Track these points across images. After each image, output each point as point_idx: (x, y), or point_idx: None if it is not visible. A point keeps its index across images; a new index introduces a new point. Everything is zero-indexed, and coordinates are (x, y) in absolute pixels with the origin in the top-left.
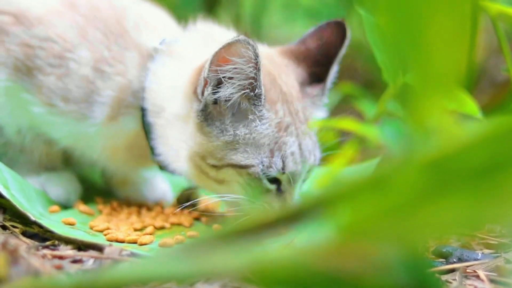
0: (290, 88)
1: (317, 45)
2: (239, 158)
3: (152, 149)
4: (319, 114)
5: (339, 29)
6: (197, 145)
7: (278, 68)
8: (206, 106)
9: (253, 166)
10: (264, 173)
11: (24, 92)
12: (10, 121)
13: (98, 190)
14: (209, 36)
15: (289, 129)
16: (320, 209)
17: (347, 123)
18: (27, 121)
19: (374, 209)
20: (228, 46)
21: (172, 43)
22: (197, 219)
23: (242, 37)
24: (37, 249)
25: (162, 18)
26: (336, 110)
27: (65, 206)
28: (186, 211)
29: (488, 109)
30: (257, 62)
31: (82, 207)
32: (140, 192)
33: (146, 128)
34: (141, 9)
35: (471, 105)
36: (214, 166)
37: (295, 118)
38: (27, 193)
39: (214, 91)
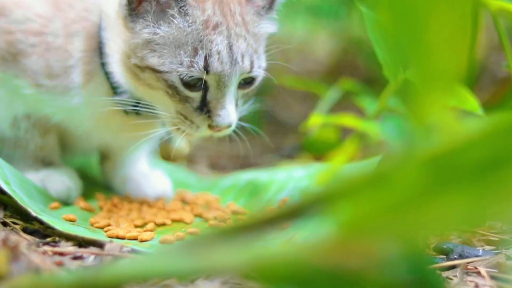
0: None
1: None
2: (155, 61)
3: (113, 90)
4: (266, 26)
5: None
6: (124, 43)
7: None
8: (129, 0)
9: (168, 72)
10: (183, 77)
11: (14, 79)
12: (5, 113)
13: (98, 187)
14: None
15: (219, 29)
16: (321, 206)
17: (348, 120)
18: (21, 106)
19: (375, 206)
20: None
21: None
22: (197, 216)
23: None
24: (38, 246)
25: None
26: (337, 107)
27: (65, 202)
28: (187, 208)
29: (489, 106)
30: None
31: (83, 203)
32: (140, 188)
33: (103, 62)
34: None
35: (472, 102)
36: (137, 66)
37: (229, 19)
38: (28, 190)
39: None
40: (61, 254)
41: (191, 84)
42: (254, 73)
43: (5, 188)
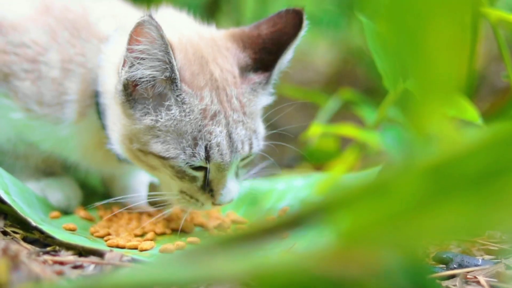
0: (226, 73)
1: (269, 31)
2: (159, 148)
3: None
4: (263, 101)
5: (296, 18)
6: (123, 127)
7: (217, 51)
8: (125, 86)
9: (172, 158)
10: (187, 163)
11: (3, 98)
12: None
13: (98, 196)
14: (161, 18)
15: (217, 118)
16: (321, 215)
17: (347, 130)
18: (11, 129)
19: (374, 215)
20: (136, 26)
21: (125, 25)
22: (197, 225)
23: (146, 18)
24: (38, 255)
25: (131, 12)
26: (337, 116)
27: (65, 212)
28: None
29: (488, 116)
30: (162, 43)
31: (83, 213)
32: (140, 197)
33: (100, 114)
34: (110, 5)
35: (471, 112)
36: (140, 151)
37: (226, 106)
38: (28, 199)
39: (130, 71)
40: (61, 263)
41: (195, 167)
42: (253, 153)
43: (5, 198)
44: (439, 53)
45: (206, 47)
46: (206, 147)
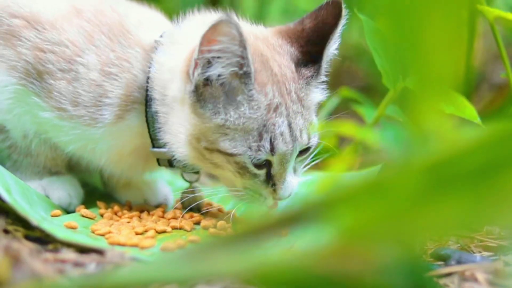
0: (284, 69)
1: (312, 24)
2: (226, 145)
3: (152, 141)
4: (316, 96)
5: (335, 8)
6: (192, 127)
7: (272, 49)
8: (197, 87)
9: (239, 154)
10: (252, 159)
11: (33, 96)
12: (17, 124)
13: (99, 194)
14: (205, 21)
15: (279, 110)
16: (321, 212)
17: (347, 127)
18: (34, 126)
19: (374, 212)
20: (213, 27)
21: (172, 33)
22: (197, 223)
23: (224, 17)
24: (39, 253)
25: (160, 18)
26: (336, 114)
27: (67, 210)
28: (187, 215)
29: (486, 113)
30: (241, 40)
31: (84, 211)
32: (141, 196)
33: (149, 120)
34: (140, 10)
35: (470, 110)
36: (207, 149)
37: (286, 98)
38: (29, 197)
39: (203, 71)
40: (63, 261)
41: (259, 164)
42: (311, 144)
43: (6, 196)
44: (437, 51)
45: (262, 45)
46: (270, 139)
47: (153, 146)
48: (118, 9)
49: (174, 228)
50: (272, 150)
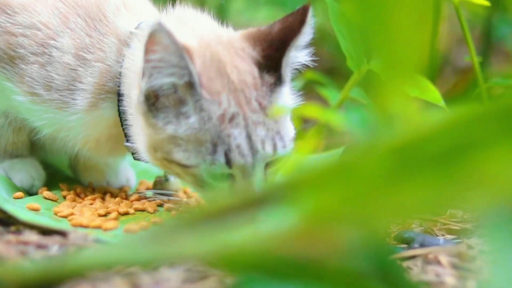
0: (245, 75)
1: (279, 28)
2: (180, 156)
3: (126, 136)
4: (286, 102)
5: (302, 15)
6: (147, 137)
7: (234, 53)
8: (147, 97)
9: (193, 166)
10: (208, 172)
11: (5, 81)
12: None
13: (62, 176)
14: (180, 21)
15: (235, 120)
16: (285, 195)
17: (311, 110)
18: (4, 107)
19: (338, 195)
20: (149, 36)
21: (145, 28)
22: (161, 205)
23: (158, 25)
24: (1, 235)
25: (143, 3)
26: (300, 97)
27: (29, 192)
28: (151, 198)
29: (450, 96)
30: (177, 49)
31: (46, 193)
32: (103, 178)
33: (121, 114)
34: None
35: (434, 93)
36: (165, 159)
37: (245, 108)
38: None
39: (149, 81)
40: (25, 243)
41: (217, 176)
42: (279, 154)
43: None
44: (402, 34)
45: (223, 50)
46: (225, 152)
47: (127, 140)
48: None
49: (137, 210)
50: (228, 163)
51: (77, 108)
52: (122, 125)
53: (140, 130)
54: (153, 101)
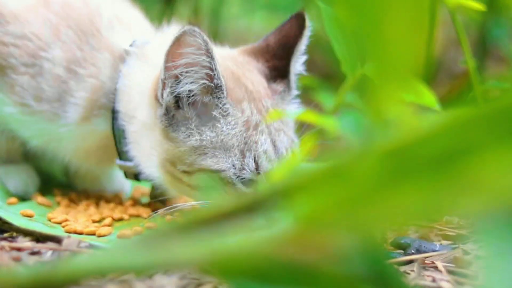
0: (257, 86)
1: (276, 39)
2: (209, 163)
3: (119, 153)
4: (291, 108)
5: (299, 20)
6: (165, 152)
7: (242, 66)
8: (168, 109)
9: (224, 170)
10: (237, 176)
11: None
12: None
13: (56, 182)
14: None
15: (260, 127)
16: (279, 200)
17: (305, 115)
18: None
19: (332, 199)
20: (177, 40)
21: (142, 46)
22: (155, 211)
23: (188, 27)
24: None
25: (136, 17)
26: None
27: (23, 198)
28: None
29: (446, 101)
30: (208, 49)
31: (40, 199)
32: (98, 184)
33: (116, 131)
34: (115, 7)
35: (429, 97)
36: (185, 172)
37: (265, 116)
38: None
39: (172, 90)
40: (19, 249)
41: (245, 181)
42: None
43: None
44: (397, 38)
45: (231, 64)
46: (254, 158)
47: (120, 158)
48: (90, 3)
49: (131, 215)
50: (258, 168)
51: (68, 121)
52: (115, 143)
53: (151, 146)
54: (173, 114)
